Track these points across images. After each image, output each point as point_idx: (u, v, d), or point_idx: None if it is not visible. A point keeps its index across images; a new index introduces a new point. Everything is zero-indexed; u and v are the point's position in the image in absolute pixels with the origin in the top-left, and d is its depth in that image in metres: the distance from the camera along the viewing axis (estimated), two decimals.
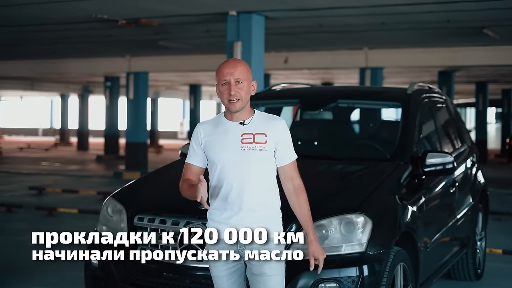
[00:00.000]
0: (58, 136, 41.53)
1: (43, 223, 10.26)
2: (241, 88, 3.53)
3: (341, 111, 6.28)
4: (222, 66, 3.58)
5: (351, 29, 13.71)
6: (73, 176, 18.31)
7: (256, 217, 3.51)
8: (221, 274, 3.58)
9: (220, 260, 3.54)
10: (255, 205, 3.51)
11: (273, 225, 3.55)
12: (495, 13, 11.49)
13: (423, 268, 4.82)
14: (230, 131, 3.58)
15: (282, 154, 3.59)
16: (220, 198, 3.55)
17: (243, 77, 3.54)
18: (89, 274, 4.60)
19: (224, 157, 3.54)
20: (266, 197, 3.56)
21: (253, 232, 3.47)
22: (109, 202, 4.68)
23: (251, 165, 3.51)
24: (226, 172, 3.54)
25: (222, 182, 3.55)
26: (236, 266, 3.57)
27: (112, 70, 22.20)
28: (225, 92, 3.54)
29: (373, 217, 4.11)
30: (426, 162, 5.03)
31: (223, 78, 3.54)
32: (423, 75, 23.76)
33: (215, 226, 3.56)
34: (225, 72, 3.53)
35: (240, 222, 3.50)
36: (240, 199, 3.51)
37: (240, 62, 3.60)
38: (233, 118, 3.59)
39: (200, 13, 11.66)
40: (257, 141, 3.53)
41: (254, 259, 3.50)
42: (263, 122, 3.59)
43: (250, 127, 3.57)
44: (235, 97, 3.52)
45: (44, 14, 11.90)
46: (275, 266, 3.51)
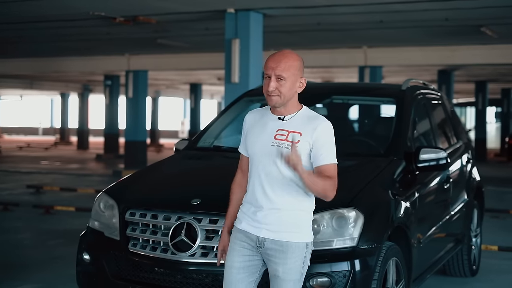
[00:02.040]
0: (58, 135, 41.60)
1: (39, 221, 10.25)
2: (282, 85, 3.42)
3: (335, 107, 6.27)
4: (269, 58, 3.48)
5: (350, 27, 13.70)
6: (72, 175, 18.32)
7: (278, 217, 3.46)
8: (234, 265, 3.53)
9: (236, 250, 3.53)
10: (278, 204, 3.45)
11: (297, 228, 3.48)
12: (492, 12, 11.49)
13: (416, 264, 4.81)
14: (268, 125, 3.52)
15: (317, 155, 3.45)
16: (250, 191, 3.55)
17: (286, 74, 3.41)
18: (80, 270, 4.60)
19: (255, 150, 3.52)
20: (291, 197, 3.46)
21: (273, 233, 3.45)
22: (101, 197, 4.68)
23: (277, 162, 3.43)
24: (255, 166, 3.52)
25: (252, 175, 3.54)
26: (252, 262, 3.53)
27: (111, 69, 22.21)
28: (265, 85, 3.46)
29: (365, 211, 4.11)
30: (420, 158, 5.02)
31: (266, 72, 3.45)
32: (422, 74, 23.75)
33: (242, 217, 3.56)
34: (269, 65, 3.44)
35: (263, 219, 3.47)
36: (264, 195, 3.47)
37: (287, 56, 3.45)
38: (274, 112, 3.53)
39: (198, 11, 11.66)
40: (290, 139, 3.42)
41: (270, 260, 3.48)
42: (304, 120, 3.48)
43: (288, 124, 3.48)
44: (273, 93, 3.43)
45: (42, 12, 11.90)
46: (290, 271, 3.47)
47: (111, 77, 24.91)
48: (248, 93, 6.15)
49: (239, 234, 3.56)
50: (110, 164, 22.27)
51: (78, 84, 33.85)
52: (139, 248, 4.24)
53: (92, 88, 34.61)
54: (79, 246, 4.62)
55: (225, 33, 11.26)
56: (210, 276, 3.98)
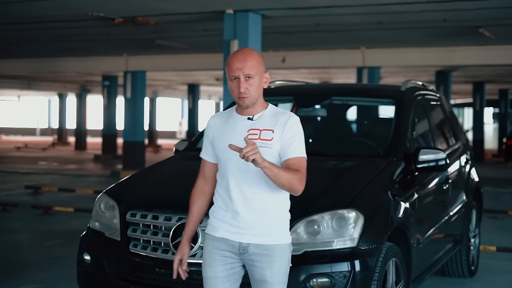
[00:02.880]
0: (55, 135, 41.53)
1: (38, 221, 10.26)
2: (251, 84, 3.35)
3: (335, 108, 6.29)
4: (231, 59, 3.37)
5: (348, 28, 13.73)
6: (70, 176, 18.31)
7: (260, 220, 3.36)
8: (218, 275, 3.42)
9: (217, 260, 3.42)
10: (258, 206, 3.36)
11: (279, 229, 3.42)
12: (490, 13, 11.52)
13: (415, 264, 4.82)
14: (237, 126, 3.42)
15: (288, 148, 3.35)
16: (223, 196, 3.42)
17: (254, 72, 3.35)
18: (81, 271, 4.60)
19: (227, 153, 3.37)
20: (271, 199, 3.38)
21: (257, 237, 3.35)
22: (101, 198, 4.68)
23: None
24: (229, 170, 3.39)
25: (224, 179, 3.42)
26: (234, 269, 3.44)
27: (109, 69, 22.22)
28: (234, 88, 3.36)
29: (365, 212, 4.12)
30: (419, 159, 5.04)
31: (232, 74, 3.35)
32: (420, 74, 23.79)
33: (217, 224, 3.44)
34: (235, 67, 3.34)
35: (244, 224, 3.36)
36: (244, 199, 3.36)
37: (251, 54, 3.38)
38: (243, 112, 3.44)
39: (197, 12, 11.68)
40: (263, 137, 3.34)
41: (255, 265, 3.38)
42: (273, 117, 3.40)
43: (258, 123, 3.40)
44: (244, 94, 3.34)
45: (41, 12, 11.90)
46: (278, 273, 3.39)
47: (109, 78, 24.89)
48: None
49: (217, 243, 3.42)
50: (108, 165, 22.26)
51: (76, 85, 33.84)
52: (140, 248, 4.25)
53: (90, 89, 34.59)
54: (80, 247, 4.63)
55: (224, 34, 11.27)
56: None
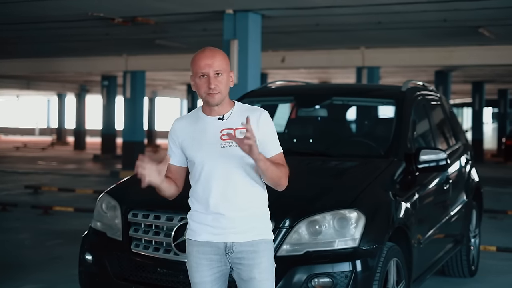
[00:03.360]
0: (55, 135, 41.52)
1: (38, 221, 10.26)
2: (221, 81, 3.30)
3: (335, 108, 6.30)
4: (198, 56, 3.32)
5: (348, 28, 13.73)
6: (70, 175, 18.32)
7: (243, 218, 3.31)
8: (205, 280, 3.37)
9: (204, 264, 3.36)
10: (240, 205, 3.31)
11: (262, 225, 3.38)
12: (490, 13, 11.53)
13: (416, 264, 4.84)
14: (208, 128, 3.33)
15: (265, 147, 3.31)
16: (203, 199, 3.35)
17: (222, 69, 3.31)
18: (83, 271, 4.61)
19: (203, 156, 3.32)
20: (252, 196, 3.35)
21: (241, 235, 3.31)
22: (103, 198, 4.69)
23: (233, 163, 3.29)
24: (207, 172, 3.32)
25: (203, 183, 3.34)
26: (221, 272, 3.38)
27: (109, 69, 22.21)
28: (203, 85, 3.29)
29: (366, 212, 4.13)
30: (420, 159, 5.05)
31: (201, 71, 3.29)
32: (420, 74, 23.80)
33: (198, 228, 3.37)
34: (203, 64, 3.29)
35: (226, 224, 3.31)
36: (225, 200, 3.30)
37: (218, 52, 3.35)
38: (211, 112, 3.35)
39: (197, 12, 11.67)
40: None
41: (242, 263, 3.33)
42: (243, 115, 3.30)
43: (230, 122, 3.32)
44: (215, 90, 3.28)
45: (40, 12, 11.90)
46: (265, 270, 3.35)
47: (108, 78, 24.89)
48: (249, 94, 6.18)
49: (201, 248, 3.35)
50: (108, 165, 22.27)
51: (75, 85, 33.83)
52: (142, 248, 4.26)
53: (89, 89, 34.59)
54: (82, 247, 4.63)
55: (224, 34, 11.26)
56: None
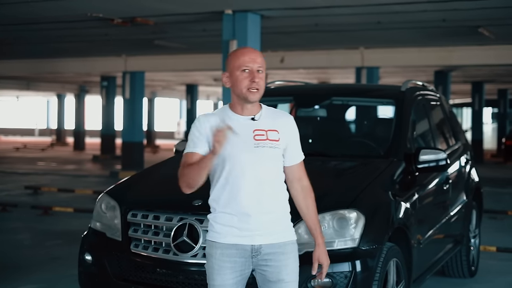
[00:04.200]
0: (54, 136, 41.53)
1: (38, 222, 10.26)
2: (262, 78, 3.28)
3: (335, 108, 6.29)
4: (241, 52, 3.30)
5: (347, 28, 13.73)
6: (69, 176, 18.31)
7: (270, 220, 3.30)
8: (227, 283, 3.30)
9: (227, 267, 3.29)
10: (269, 207, 3.30)
11: (287, 227, 3.38)
12: (489, 12, 11.52)
13: (416, 265, 4.83)
14: (241, 126, 3.28)
15: (292, 153, 3.39)
16: (230, 200, 3.28)
17: (263, 67, 3.30)
18: (82, 271, 4.60)
19: (235, 155, 3.26)
20: (279, 198, 3.35)
21: (269, 237, 3.29)
22: (102, 198, 4.68)
23: (266, 164, 3.29)
24: (239, 171, 3.26)
25: (233, 182, 3.28)
26: (243, 275, 3.33)
27: (108, 70, 22.20)
28: (244, 79, 3.24)
29: (366, 213, 4.13)
30: (419, 159, 5.05)
31: (245, 64, 3.25)
32: (419, 74, 23.79)
33: (223, 231, 3.30)
34: (247, 58, 3.26)
35: (253, 225, 3.27)
36: (253, 201, 3.26)
37: (258, 51, 3.34)
38: (243, 112, 3.32)
39: (196, 12, 11.67)
40: (270, 138, 3.28)
41: (269, 265, 3.30)
42: (273, 117, 3.34)
43: (262, 123, 3.31)
44: (257, 85, 3.25)
45: (40, 13, 11.89)
46: (293, 271, 3.36)
47: (107, 78, 24.90)
48: None
49: (226, 250, 3.29)
50: (107, 165, 22.26)
51: (74, 85, 33.83)
52: (141, 249, 4.25)
53: (88, 89, 34.58)
54: (81, 247, 4.63)
55: (223, 34, 11.26)
56: None
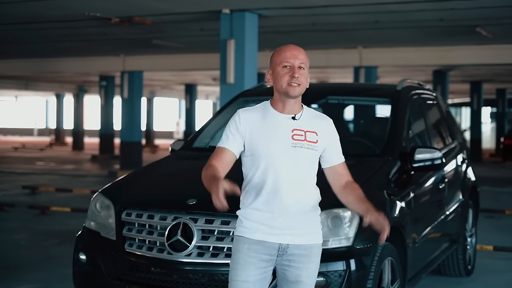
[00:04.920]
0: (53, 136, 41.53)
1: (35, 222, 10.25)
2: (303, 74, 3.27)
3: (331, 107, 6.29)
4: (284, 49, 3.31)
5: (345, 28, 13.73)
6: (68, 176, 18.30)
7: (301, 220, 3.30)
8: (249, 280, 3.27)
9: (252, 263, 3.27)
10: (301, 207, 3.29)
11: (317, 229, 3.40)
12: (487, 12, 11.52)
13: (411, 264, 4.83)
14: (280, 125, 3.28)
15: (332, 155, 3.40)
16: (263, 197, 3.27)
17: (305, 64, 3.29)
18: (77, 270, 4.60)
19: (272, 152, 3.25)
20: (312, 200, 3.36)
21: (298, 237, 3.29)
22: (97, 197, 4.69)
23: (300, 164, 3.28)
24: (274, 169, 3.25)
25: (267, 179, 3.26)
26: (266, 273, 3.31)
27: (106, 69, 22.20)
28: (285, 75, 3.25)
29: None
30: (415, 158, 5.05)
31: (286, 60, 3.26)
32: (417, 74, 23.80)
33: (253, 227, 3.29)
34: (289, 54, 3.27)
35: (284, 224, 3.27)
36: (286, 200, 3.25)
37: (302, 49, 3.34)
38: (284, 109, 3.31)
39: (194, 11, 11.67)
40: (309, 139, 3.28)
41: (291, 265, 3.31)
42: (313, 119, 3.35)
43: (301, 123, 3.31)
44: (297, 81, 3.24)
45: (38, 12, 11.89)
46: (312, 274, 3.36)
47: (106, 78, 24.89)
48: (244, 93, 6.17)
49: (254, 246, 3.27)
50: (106, 165, 22.25)
51: (73, 85, 33.81)
52: (135, 248, 4.25)
53: (87, 89, 34.56)
54: (76, 246, 4.63)
55: (220, 34, 11.26)
56: (206, 276, 4.00)
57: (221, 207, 2.98)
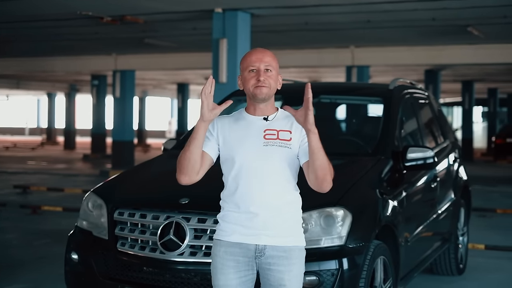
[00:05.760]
0: (44, 135, 41.39)
1: (27, 221, 10.21)
2: (270, 76, 3.26)
3: (323, 106, 6.29)
4: (249, 53, 3.32)
5: (337, 27, 13.73)
6: (59, 175, 18.24)
7: (277, 221, 3.24)
8: (230, 283, 3.25)
9: (230, 266, 3.25)
10: (276, 206, 3.24)
11: (296, 231, 3.32)
12: (479, 12, 11.55)
13: (403, 262, 4.84)
14: (252, 126, 3.29)
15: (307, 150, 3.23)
16: (237, 199, 3.26)
17: (272, 66, 3.28)
18: (69, 270, 4.59)
19: (243, 154, 3.24)
20: (288, 199, 3.29)
21: (275, 238, 3.23)
22: (89, 197, 4.67)
23: (274, 163, 3.23)
24: (246, 170, 3.24)
25: (240, 181, 3.25)
26: (248, 276, 3.27)
27: (98, 68, 22.14)
28: (251, 78, 3.25)
29: (353, 210, 4.12)
30: (407, 157, 5.06)
31: (251, 64, 3.26)
32: (409, 73, 23.84)
33: (229, 229, 3.28)
34: (254, 58, 3.27)
35: (260, 224, 3.22)
36: (260, 199, 3.22)
37: (268, 52, 3.32)
38: (256, 112, 3.31)
39: (186, 10, 11.65)
40: (281, 137, 3.24)
41: (272, 269, 3.24)
42: (286, 119, 3.31)
43: (274, 124, 3.29)
44: (263, 83, 3.24)
45: (29, 11, 11.85)
46: (295, 277, 3.27)
47: (98, 77, 24.83)
48: (236, 92, 6.17)
49: (231, 249, 3.26)
50: (97, 164, 22.20)
51: (65, 84, 33.72)
52: (128, 247, 4.24)
53: (79, 88, 34.47)
54: (68, 246, 4.62)
55: (213, 33, 11.25)
56: (199, 275, 3.99)
57: (209, 84, 3.12)
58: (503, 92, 34.50)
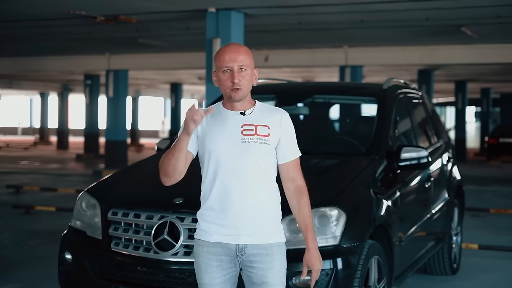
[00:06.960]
0: (37, 135, 41.29)
1: (19, 221, 10.18)
2: (244, 76, 3.22)
3: (317, 106, 6.29)
4: (222, 51, 3.24)
5: (331, 27, 13.74)
6: (52, 175, 18.20)
7: (256, 219, 3.22)
8: (215, 282, 3.26)
9: (214, 266, 3.26)
10: (255, 205, 3.22)
11: (275, 228, 3.30)
12: (472, 12, 11.58)
13: (397, 262, 4.84)
14: (229, 121, 3.25)
15: (285, 149, 3.29)
16: (215, 196, 3.24)
17: (246, 64, 3.23)
18: (63, 270, 4.57)
19: (221, 149, 3.22)
20: (267, 196, 3.26)
21: (254, 237, 3.22)
22: (83, 197, 4.66)
23: (252, 159, 3.21)
24: (223, 166, 3.22)
25: (216, 177, 3.24)
26: (231, 273, 3.29)
27: (91, 68, 22.09)
28: (226, 80, 3.21)
29: (347, 210, 4.12)
30: (401, 157, 5.06)
31: (225, 65, 3.21)
32: (403, 73, 23.87)
33: (209, 229, 3.27)
34: (227, 58, 3.21)
35: (239, 224, 3.21)
36: (238, 197, 3.20)
37: (243, 47, 3.27)
38: (233, 107, 3.28)
39: (180, 10, 11.64)
40: (259, 133, 3.22)
41: (254, 266, 3.24)
42: (265, 113, 3.28)
43: (252, 118, 3.26)
44: (238, 85, 3.20)
45: (22, 10, 11.82)
46: (278, 274, 3.27)
47: (91, 77, 24.77)
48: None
49: (212, 249, 3.25)
50: (90, 164, 22.15)
51: (57, 84, 33.62)
52: (122, 247, 4.23)
53: (72, 88, 34.40)
54: (61, 246, 4.60)
55: (206, 33, 11.25)
56: (193, 275, 3.97)
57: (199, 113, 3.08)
58: (496, 92, 34.61)
